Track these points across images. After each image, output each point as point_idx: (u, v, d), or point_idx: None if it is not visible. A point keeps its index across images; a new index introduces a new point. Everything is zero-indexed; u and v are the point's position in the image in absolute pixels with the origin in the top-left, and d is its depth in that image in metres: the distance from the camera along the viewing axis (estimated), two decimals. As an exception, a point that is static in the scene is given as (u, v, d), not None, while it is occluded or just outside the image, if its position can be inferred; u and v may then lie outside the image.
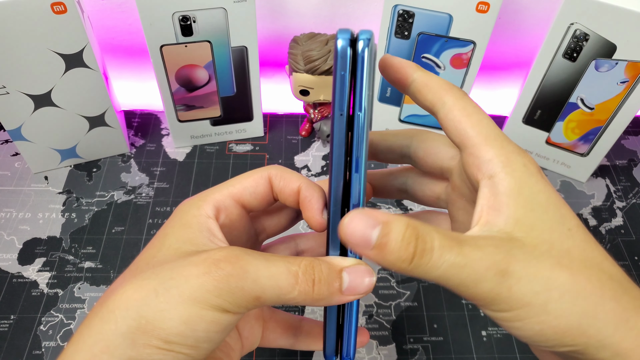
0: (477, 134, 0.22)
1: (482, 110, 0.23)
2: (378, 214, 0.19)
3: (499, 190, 0.21)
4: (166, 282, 0.19)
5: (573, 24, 0.42)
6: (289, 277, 0.20)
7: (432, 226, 0.20)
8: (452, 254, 0.19)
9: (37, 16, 0.39)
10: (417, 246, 0.19)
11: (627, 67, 0.43)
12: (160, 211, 0.47)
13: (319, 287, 0.21)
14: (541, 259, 0.19)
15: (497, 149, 0.21)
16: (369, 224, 0.19)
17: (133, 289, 0.20)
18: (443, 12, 0.44)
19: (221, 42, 0.46)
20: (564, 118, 0.49)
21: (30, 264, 0.43)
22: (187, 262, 0.20)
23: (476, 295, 0.19)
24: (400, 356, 0.39)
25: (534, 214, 0.20)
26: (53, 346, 0.38)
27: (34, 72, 0.42)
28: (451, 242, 0.19)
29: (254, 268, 0.20)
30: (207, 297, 0.19)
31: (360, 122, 0.21)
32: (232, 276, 0.19)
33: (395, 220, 0.19)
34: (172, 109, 0.50)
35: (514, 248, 0.19)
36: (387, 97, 0.52)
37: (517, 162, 0.21)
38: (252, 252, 0.21)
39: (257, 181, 0.25)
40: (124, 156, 0.52)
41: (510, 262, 0.19)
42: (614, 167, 0.54)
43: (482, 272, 0.19)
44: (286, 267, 0.20)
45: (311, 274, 0.21)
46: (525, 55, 0.59)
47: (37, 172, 0.50)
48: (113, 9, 0.53)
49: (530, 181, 0.21)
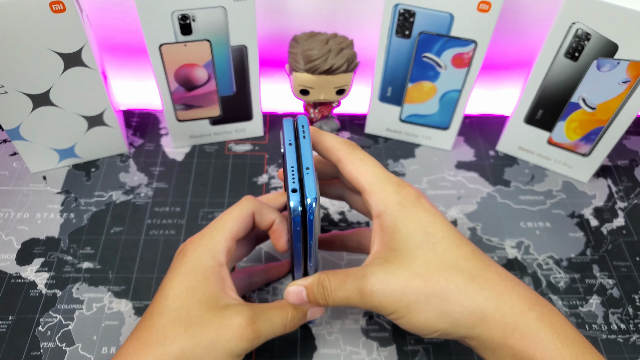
0: (366, 183, 0.29)
1: (368, 160, 0.30)
2: (302, 281, 0.31)
3: (382, 227, 0.29)
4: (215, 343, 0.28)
5: (574, 23, 0.42)
6: (282, 329, 0.32)
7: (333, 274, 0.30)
8: (341, 292, 0.29)
9: (36, 15, 0.39)
10: (324, 292, 0.30)
11: (628, 67, 0.42)
12: (159, 211, 0.47)
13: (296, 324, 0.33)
14: (400, 274, 0.28)
15: (379, 193, 0.29)
16: (298, 291, 0.31)
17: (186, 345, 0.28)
18: (444, 12, 0.44)
19: (221, 41, 0.46)
20: (565, 118, 0.48)
21: (28, 264, 0.43)
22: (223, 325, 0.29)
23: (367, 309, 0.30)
24: (400, 357, 0.39)
25: (404, 241, 0.28)
26: (51, 347, 0.38)
27: (33, 71, 0.42)
28: (339, 282, 0.30)
29: (265, 330, 0.30)
30: (239, 353, 0.29)
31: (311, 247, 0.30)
32: (255, 339, 0.30)
33: (310, 281, 0.31)
34: (171, 108, 0.50)
35: (381, 271, 0.28)
36: (387, 96, 0.52)
37: (394, 202, 0.29)
38: (260, 312, 0.30)
39: (246, 220, 0.33)
40: (123, 156, 0.52)
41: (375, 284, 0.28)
42: (616, 167, 0.54)
43: (359, 295, 0.29)
44: (283, 323, 0.32)
45: (293, 322, 0.32)
46: (526, 55, 0.59)
47: (35, 172, 0.50)
48: (112, 7, 0.53)
49: (403, 215, 0.28)
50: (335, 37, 0.47)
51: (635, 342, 0.40)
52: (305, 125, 0.30)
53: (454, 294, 0.27)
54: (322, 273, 0.31)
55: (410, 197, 0.29)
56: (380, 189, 0.29)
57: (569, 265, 0.45)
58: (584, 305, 0.42)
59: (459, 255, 0.28)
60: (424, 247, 0.28)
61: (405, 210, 0.28)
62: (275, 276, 0.42)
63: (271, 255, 0.45)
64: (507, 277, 0.28)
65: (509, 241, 0.47)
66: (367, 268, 0.29)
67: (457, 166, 0.53)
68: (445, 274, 0.27)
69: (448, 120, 0.52)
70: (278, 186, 0.50)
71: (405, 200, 0.29)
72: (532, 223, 0.48)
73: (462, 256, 0.28)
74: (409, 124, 0.54)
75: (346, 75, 0.48)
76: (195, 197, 0.49)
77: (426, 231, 0.28)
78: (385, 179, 0.30)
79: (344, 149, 0.30)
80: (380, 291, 0.28)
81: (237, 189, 0.50)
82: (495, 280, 0.27)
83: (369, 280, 0.28)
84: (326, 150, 0.31)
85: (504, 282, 0.28)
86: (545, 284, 0.44)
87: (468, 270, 0.27)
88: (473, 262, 0.28)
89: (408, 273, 0.27)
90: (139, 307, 0.40)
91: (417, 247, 0.28)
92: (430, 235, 0.28)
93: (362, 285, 0.28)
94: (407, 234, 0.28)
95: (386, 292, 0.28)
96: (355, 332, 0.40)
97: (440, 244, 0.28)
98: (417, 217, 0.28)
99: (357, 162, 0.30)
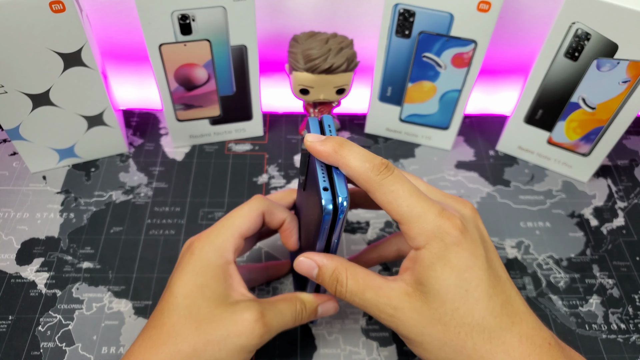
0: (402, 216, 0.28)
1: (402, 192, 0.28)
2: (318, 258, 0.30)
3: (418, 260, 0.28)
4: (226, 339, 0.28)
5: (574, 23, 0.42)
6: (292, 322, 0.32)
7: (352, 271, 0.29)
8: (357, 297, 0.29)
9: (36, 15, 0.39)
10: (337, 287, 0.29)
11: (628, 67, 0.42)
12: (159, 211, 0.47)
13: (305, 319, 0.33)
14: (424, 314, 0.27)
15: (417, 228, 0.27)
16: (310, 265, 0.30)
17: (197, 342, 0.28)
18: (444, 11, 0.44)
19: (220, 41, 0.46)
20: (565, 118, 0.48)
21: (28, 264, 0.43)
22: (233, 321, 0.29)
23: (376, 319, 0.30)
24: (400, 357, 0.39)
25: (436, 281, 0.27)
26: (51, 347, 0.38)
27: (32, 71, 0.42)
28: (359, 288, 0.29)
29: (276, 323, 0.30)
30: (250, 349, 0.29)
31: (335, 246, 0.30)
32: (265, 334, 0.29)
33: (327, 265, 0.30)
34: (171, 108, 0.50)
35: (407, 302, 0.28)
36: (387, 96, 0.52)
37: (435, 239, 0.27)
38: (269, 306, 0.30)
39: (256, 219, 0.33)
40: (123, 156, 0.52)
41: (398, 311, 0.28)
42: (616, 167, 0.54)
43: (376, 313, 0.28)
44: (293, 317, 0.32)
45: (302, 314, 0.32)
46: (526, 55, 0.58)
47: (35, 172, 0.50)
48: (112, 7, 0.53)
49: (442, 254, 0.27)
50: (335, 36, 0.47)
51: (635, 342, 0.40)
52: (332, 125, 0.30)
53: (468, 350, 0.26)
54: (341, 264, 0.29)
55: (453, 233, 0.27)
56: (417, 224, 0.27)
57: (568, 265, 0.45)
58: (583, 305, 0.42)
59: (487, 309, 0.27)
60: (454, 293, 0.27)
61: (446, 249, 0.27)
62: (275, 275, 0.42)
63: (271, 255, 0.45)
64: (529, 339, 0.27)
65: (508, 241, 0.47)
66: (393, 291, 0.28)
67: (457, 166, 0.53)
68: (467, 329, 0.27)
69: (448, 120, 0.52)
70: (278, 186, 0.50)
71: (447, 238, 0.27)
72: (532, 223, 0.48)
73: (490, 311, 0.27)
74: (409, 124, 0.54)
75: (346, 74, 0.48)
76: (195, 197, 0.49)
77: (461, 276, 0.27)
78: (423, 212, 0.27)
79: (372, 180, 0.27)
80: (400, 320, 0.28)
81: (237, 188, 0.50)
82: (514, 344, 0.26)
83: (391, 305, 0.28)
84: (352, 176, 0.28)
85: (523, 346, 0.26)
86: (545, 284, 0.44)
87: (490, 329, 0.27)
88: (499, 318, 0.27)
89: (432, 316, 0.27)
90: (138, 307, 0.40)
91: (447, 292, 0.27)
92: (465, 281, 0.27)
93: (382, 307, 0.28)
94: (442, 275, 0.27)
95: (406, 324, 0.27)
96: (355, 332, 0.40)
97: (472, 293, 0.27)
98: (457, 258, 0.27)
99: (389, 195, 0.27)
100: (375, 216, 0.48)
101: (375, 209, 0.34)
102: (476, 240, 0.28)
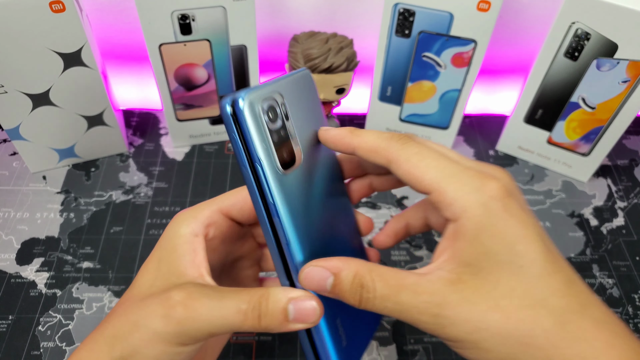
0: (431, 181, 0.23)
1: (428, 152, 0.23)
2: (331, 264, 0.23)
3: (458, 234, 0.23)
4: (141, 321, 0.23)
5: (574, 23, 0.42)
6: (238, 316, 0.22)
7: (378, 272, 0.23)
8: (390, 302, 0.22)
9: (36, 15, 0.39)
10: (362, 294, 0.22)
11: (628, 67, 0.42)
12: (159, 211, 0.47)
13: (266, 320, 0.22)
14: (477, 302, 0.21)
15: (454, 191, 0.22)
16: (323, 275, 0.23)
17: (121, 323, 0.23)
18: (444, 11, 0.44)
19: (220, 41, 0.46)
20: (565, 117, 0.48)
21: (28, 264, 0.43)
22: (157, 301, 0.23)
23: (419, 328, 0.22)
24: (400, 357, 0.39)
25: (485, 257, 0.22)
26: (51, 347, 0.38)
27: (32, 71, 0.42)
28: (390, 290, 0.22)
29: (207, 310, 0.22)
30: (168, 337, 0.22)
31: (261, 173, 0.22)
32: (187, 319, 0.22)
33: (345, 269, 0.23)
34: (171, 108, 0.50)
35: (454, 292, 0.22)
36: (387, 96, 0.52)
37: (476, 203, 0.22)
38: (209, 291, 0.23)
39: (244, 199, 0.28)
40: (123, 156, 0.52)
41: (444, 308, 0.22)
42: (615, 167, 0.54)
43: (416, 316, 0.22)
44: (236, 306, 0.22)
45: (257, 309, 0.22)
46: (526, 55, 0.58)
47: (35, 172, 0.50)
48: (112, 7, 0.53)
49: (488, 222, 0.22)
50: (335, 36, 0.47)
51: (635, 341, 0.40)
52: None
53: (539, 340, 0.21)
54: (363, 265, 0.23)
55: (498, 196, 0.22)
56: (454, 186, 0.22)
57: (568, 265, 0.45)
58: (583, 305, 0.42)
59: (550, 288, 0.22)
60: (508, 271, 0.22)
61: (492, 216, 0.22)
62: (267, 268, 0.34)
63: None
64: (605, 325, 0.21)
65: (508, 241, 0.47)
66: (433, 284, 0.22)
67: (457, 166, 0.53)
68: (532, 312, 0.21)
69: (448, 120, 0.52)
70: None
71: (492, 202, 0.22)
72: (532, 222, 0.48)
73: (555, 290, 0.22)
74: (409, 124, 0.54)
75: (346, 74, 0.48)
76: (195, 196, 0.49)
77: (514, 249, 0.22)
78: (459, 171, 0.23)
79: (392, 147, 0.24)
80: (448, 318, 0.22)
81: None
82: (592, 330, 0.21)
83: (434, 301, 0.22)
84: (369, 154, 0.24)
85: (603, 333, 0.21)
86: (545, 284, 0.44)
87: (559, 310, 0.21)
88: (566, 299, 0.22)
89: (486, 303, 0.21)
90: (138, 306, 0.40)
91: (500, 269, 0.22)
92: (518, 256, 0.22)
93: (423, 308, 0.22)
94: (491, 248, 0.22)
95: (456, 321, 0.21)
96: (355, 331, 0.40)
97: (530, 269, 0.22)
98: (506, 227, 0.22)
99: (414, 159, 0.23)
100: (376, 216, 0.48)
101: (393, 187, 0.29)
102: (524, 206, 0.23)
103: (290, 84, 0.24)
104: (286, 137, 0.23)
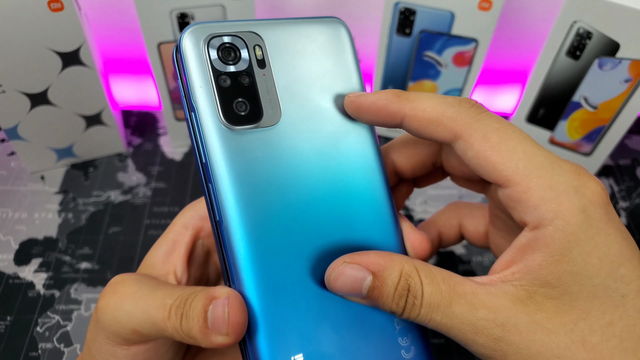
0: (516, 171, 0.17)
1: (512, 132, 0.18)
2: (369, 261, 0.18)
3: (539, 245, 0.17)
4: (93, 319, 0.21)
5: (576, 22, 0.42)
6: (160, 311, 0.18)
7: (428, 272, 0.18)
8: (439, 314, 0.17)
9: (34, 13, 0.38)
10: (408, 301, 0.17)
11: (630, 66, 0.42)
12: (158, 211, 0.47)
13: (186, 324, 0.17)
14: (556, 331, 0.17)
15: (543, 189, 0.17)
16: (358, 276, 0.17)
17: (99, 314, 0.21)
18: (445, 10, 0.43)
19: (220, 40, 0.45)
20: (567, 117, 0.48)
21: (26, 264, 0.42)
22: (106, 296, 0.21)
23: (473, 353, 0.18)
24: None
25: (573, 278, 0.17)
26: (50, 348, 0.37)
27: (30, 70, 0.41)
28: (441, 299, 0.17)
29: (131, 300, 0.19)
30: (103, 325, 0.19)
31: (196, 123, 0.19)
32: (109, 306, 0.19)
33: (389, 268, 0.18)
34: (170, 107, 0.49)
35: (524, 314, 0.17)
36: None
37: (573, 208, 0.17)
38: (148, 281, 0.20)
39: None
40: (121, 156, 0.52)
41: (509, 331, 0.17)
42: (618, 166, 0.54)
43: (471, 337, 0.17)
44: (162, 300, 0.18)
45: (182, 307, 0.18)
46: (527, 54, 0.58)
47: (33, 172, 0.49)
48: (110, 6, 0.52)
49: (586, 234, 0.17)
50: (335, 35, 0.47)
51: (637, 342, 0.40)
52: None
53: None
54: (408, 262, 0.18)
55: (600, 202, 0.17)
56: (545, 181, 0.17)
57: (570, 266, 0.45)
58: (585, 306, 0.42)
59: None
60: (605, 300, 0.17)
61: (591, 226, 0.17)
62: None
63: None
64: None
65: (510, 241, 0.46)
66: (495, 298, 0.17)
67: (458, 166, 0.53)
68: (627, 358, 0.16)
69: (449, 120, 0.52)
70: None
71: (593, 208, 0.17)
72: (534, 223, 0.48)
73: None
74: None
75: (346, 74, 0.47)
76: (194, 197, 0.48)
77: (616, 272, 0.17)
78: (550, 164, 0.18)
79: (462, 116, 0.18)
80: (512, 344, 0.17)
81: (236, 188, 0.49)
82: None
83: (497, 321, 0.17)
84: (428, 126, 0.19)
85: None
86: (546, 284, 0.43)
87: None
88: None
89: (569, 336, 0.17)
90: (137, 307, 0.40)
91: (593, 297, 0.17)
92: (621, 282, 0.17)
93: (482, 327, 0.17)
94: (584, 268, 0.17)
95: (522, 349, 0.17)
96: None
97: (635, 300, 0.17)
98: (607, 243, 0.17)
99: (494, 137, 0.18)
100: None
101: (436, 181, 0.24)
102: (620, 220, 0.19)
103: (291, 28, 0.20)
104: (249, 85, 0.19)
